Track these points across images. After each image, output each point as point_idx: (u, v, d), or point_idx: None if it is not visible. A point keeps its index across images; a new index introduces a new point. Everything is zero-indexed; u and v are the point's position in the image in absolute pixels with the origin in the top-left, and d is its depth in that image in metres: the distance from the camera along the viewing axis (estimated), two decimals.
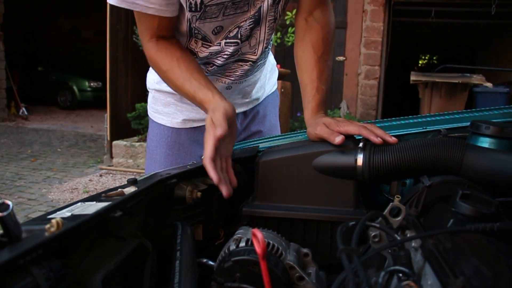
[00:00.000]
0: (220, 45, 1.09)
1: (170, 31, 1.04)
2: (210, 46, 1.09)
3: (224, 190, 0.75)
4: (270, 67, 1.38)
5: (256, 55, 1.15)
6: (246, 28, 1.07)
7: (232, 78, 1.19)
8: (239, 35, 1.08)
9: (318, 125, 0.86)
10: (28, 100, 9.64)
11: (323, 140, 0.84)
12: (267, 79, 1.37)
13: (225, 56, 1.12)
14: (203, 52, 1.11)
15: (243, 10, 1.02)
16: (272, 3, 1.03)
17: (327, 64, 1.03)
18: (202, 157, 0.79)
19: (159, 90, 1.27)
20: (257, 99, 1.35)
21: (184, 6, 0.97)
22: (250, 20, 1.05)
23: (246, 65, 1.16)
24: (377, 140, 0.76)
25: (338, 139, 0.79)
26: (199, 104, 0.95)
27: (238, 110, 1.29)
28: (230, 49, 1.10)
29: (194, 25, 1.03)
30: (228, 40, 1.08)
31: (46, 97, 11.13)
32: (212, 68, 1.15)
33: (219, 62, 1.13)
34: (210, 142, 0.77)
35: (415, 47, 12.60)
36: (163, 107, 1.27)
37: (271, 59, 1.38)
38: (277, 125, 1.45)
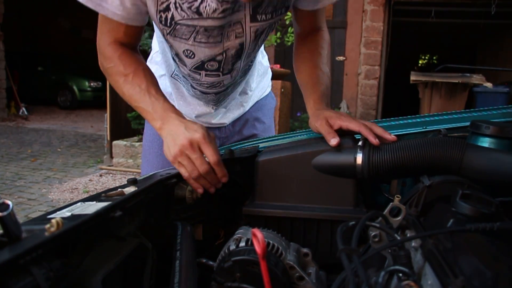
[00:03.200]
0: (200, 75, 1.08)
1: (135, 40, 1.00)
2: (185, 65, 1.06)
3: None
4: (262, 70, 1.35)
5: (233, 78, 1.13)
6: (228, 63, 1.05)
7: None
8: (221, 68, 1.06)
9: (319, 119, 0.87)
10: (28, 100, 9.63)
11: (322, 138, 0.85)
12: (256, 84, 1.34)
13: (205, 85, 1.12)
14: (181, 69, 1.10)
15: (216, 40, 0.97)
16: (254, 38, 1.01)
17: (325, 70, 1.06)
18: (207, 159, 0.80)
19: None
20: (244, 105, 1.32)
21: (155, 18, 0.93)
22: (232, 57, 1.04)
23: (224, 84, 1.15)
24: (375, 141, 0.76)
25: (333, 142, 0.79)
26: (153, 114, 0.91)
27: (226, 120, 1.30)
28: (210, 80, 1.10)
29: (166, 38, 1.00)
30: (208, 73, 1.08)
31: (46, 97, 11.11)
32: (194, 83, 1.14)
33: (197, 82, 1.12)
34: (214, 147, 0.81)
35: (415, 47, 12.60)
36: None
37: (264, 61, 1.36)
38: (271, 127, 1.43)
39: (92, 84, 11.02)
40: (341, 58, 6.08)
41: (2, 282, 0.35)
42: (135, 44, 1.01)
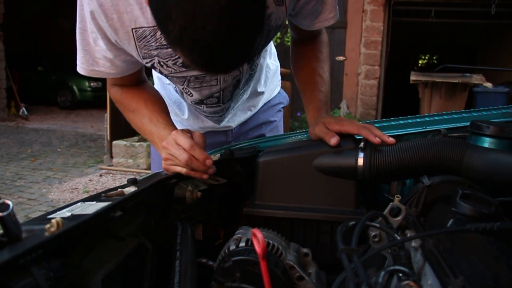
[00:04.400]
0: (202, 107, 1.11)
1: (134, 81, 1.02)
2: (189, 96, 1.09)
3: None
4: (271, 72, 1.33)
5: (234, 100, 1.16)
6: (227, 96, 1.08)
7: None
8: (220, 101, 1.09)
9: (318, 125, 0.87)
10: (28, 100, 9.62)
11: (323, 140, 0.85)
12: (265, 87, 1.32)
13: (208, 112, 1.14)
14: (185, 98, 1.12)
15: (211, 84, 1.00)
16: (248, 68, 1.02)
17: (324, 75, 1.06)
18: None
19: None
20: (251, 110, 1.32)
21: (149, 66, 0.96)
22: (229, 91, 1.06)
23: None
24: (376, 140, 0.76)
25: (333, 140, 0.79)
26: (157, 140, 0.94)
27: (232, 124, 1.30)
28: (212, 109, 1.12)
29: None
30: (209, 105, 1.10)
31: (46, 97, 11.11)
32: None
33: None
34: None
35: (415, 47, 12.59)
36: None
37: (271, 62, 1.33)
38: (279, 125, 1.42)
39: (92, 84, 11.00)
40: (341, 58, 6.08)
41: (2, 282, 0.35)
42: (136, 82, 1.03)
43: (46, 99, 11.13)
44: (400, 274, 0.45)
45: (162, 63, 0.91)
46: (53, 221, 0.42)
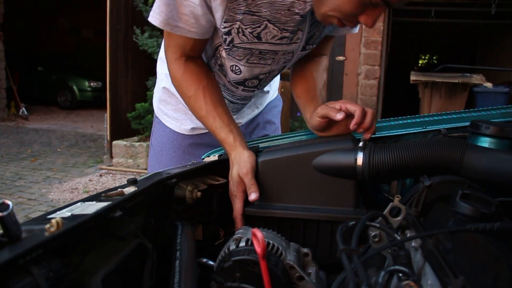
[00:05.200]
0: (237, 89, 1.13)
1: (200, 52, 1.03)
2: (225, 76, 1.11)
3: None
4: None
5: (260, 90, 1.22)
6: (267, 81, 1.12)
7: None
8: (259, 85, 1.12)
9: (318, 109, 0.88)
10: (28, 100, 9.61)
11: (323, 139, 0.85)
12: (270, 87, 1.37)
13: (237, 97, 1.16)
14: (218, 78, 1.13)
15: (267, 62, 1.02)
16: (295, 60, 1.07)
17: (323, 88, 1.09)
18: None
19: (171, 93, 1.26)
20: (258, 107, 1.37)
21: (220, 34, 0.96)
22: (273, 76, 1.10)
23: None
24: (352, 127, 0.80)
25: (339, 116, 0.81)
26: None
27: (242, 120, 1.33)
28: (245, 94, 1.15)
29: (219, 52, 1.04)
30: (246, 88, 1.13)
31: (46, 97, 11.10)
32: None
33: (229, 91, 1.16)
34: (239, 201, 0.82)
35: (415, 47, 12.59)
36: (173, 112, 1.27)
37: None
38: (279, 127, 1.47)
39: (92, 84, 11.00)
40: (341, 58, 6.07)
41: (2, 282, 0.35)
42: (200, 54, 1.04)
43: (46, 99, 11.12)
44: (400, 274, 0.45)
45: (240, 30, 0.92)
46: (53, 221, 0.42)
